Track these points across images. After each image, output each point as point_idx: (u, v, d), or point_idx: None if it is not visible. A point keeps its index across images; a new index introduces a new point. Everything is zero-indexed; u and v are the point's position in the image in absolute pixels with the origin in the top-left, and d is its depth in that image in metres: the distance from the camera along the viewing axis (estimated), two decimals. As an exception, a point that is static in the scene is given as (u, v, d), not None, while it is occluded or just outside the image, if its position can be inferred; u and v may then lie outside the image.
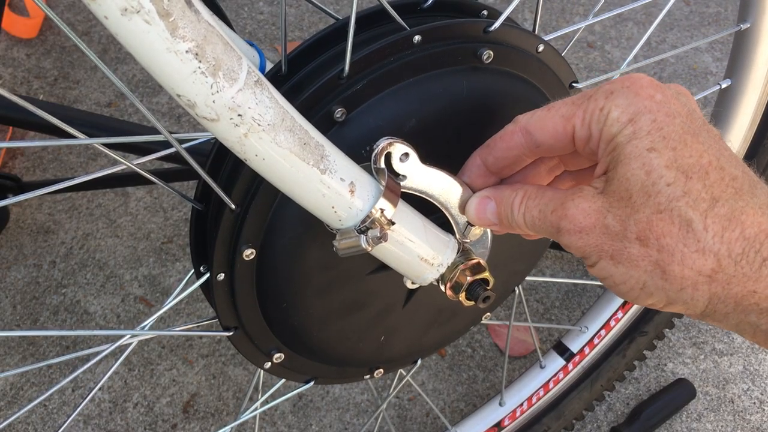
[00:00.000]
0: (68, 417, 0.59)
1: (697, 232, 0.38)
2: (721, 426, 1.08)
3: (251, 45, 0.71)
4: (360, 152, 0.45)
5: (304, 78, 0.47)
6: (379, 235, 0.43)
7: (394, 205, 0.43)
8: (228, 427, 0.68)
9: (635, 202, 0.39)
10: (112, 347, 0.52)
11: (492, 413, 0.95)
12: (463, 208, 0.48)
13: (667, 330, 1.00)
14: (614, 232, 0.40)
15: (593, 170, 0.44)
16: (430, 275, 0.49)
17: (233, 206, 0.46)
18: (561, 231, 0.42)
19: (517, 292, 0.79)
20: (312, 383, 0.64)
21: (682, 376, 1.12)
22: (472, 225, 0.49)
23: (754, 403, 1.11)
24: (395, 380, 0.82)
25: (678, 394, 1.09)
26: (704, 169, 0.38)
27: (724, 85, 0.75)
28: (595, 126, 0.41)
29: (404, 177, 0.45)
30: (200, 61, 0.34)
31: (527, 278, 0.71)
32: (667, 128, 0.39)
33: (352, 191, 0.42)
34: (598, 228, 0.40)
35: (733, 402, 1.11)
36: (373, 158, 0.44)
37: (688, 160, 0.38)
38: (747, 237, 0.38)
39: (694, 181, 0.38)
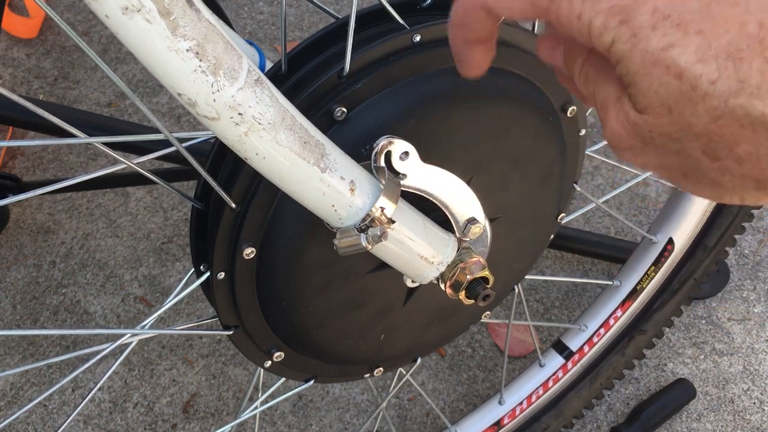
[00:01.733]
0: (68, 417, 0.60)
1: None
2: (721, 426, 1.08)
3: (251, 44, 0.71)
4: (360, 151, 0.45)
5: (304, 77, 0.47)
6: (379, 233, 0.43)
7: (394, 203, 0.44)
8: (228, 426, 0.68)
9: (681, 114, 0.29)
10: (112, 346, 0.52)
11: (491, 412, 0.95)
12: None
13: (667, 330, 1.00)
14: (674, 150, 0.31)
15: None
16: (430, 274, 0.49)
17: (233, 205, 0.47)
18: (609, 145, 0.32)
19: (516, 290, 0.79)
20: (312, 382, 0.64)
21: (682, 376, 1.12)
22: (472, 223, 0.49)
23: (754, 403, 1.11)
24: (395, 379, 0.82)
25: (678, 394, 1.09)
26: (755, 38, 0.28)
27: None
28: (579, 37, 0.31)
29: (404, 175, 0.45)
30: (201, 60, 0.34)
31: (527, 277, 0.71)
32: (677, 11, 0.29)
33: (352, 190, 0.42)
34: (651, 151, 0.32)
35: (733, 402, 1.11)
36: (373, 157, 0.45)
37: (726, 38, 0.28)
38: None
39: (747, 62, 0.28)
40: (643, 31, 0.29)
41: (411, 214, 0.47)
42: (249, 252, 0.49)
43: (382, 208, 0.43)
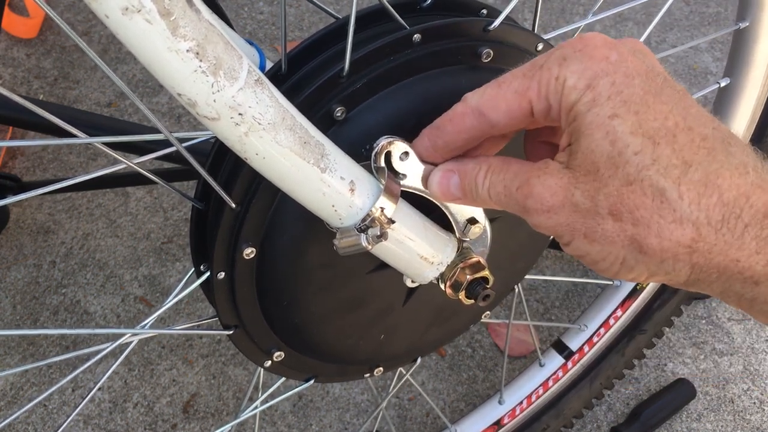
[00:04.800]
0: (68, 417, 0.60)
1: (672, 201, 0.35)
2: (721, 426, 1.09)
3: (251, 44, 0.71)
4: (360, 151, 0.45)
5: (304, 77, 0.47)
6: (379, 233, 0.43)
7: (394, 203, 0.44)
8: (228, 426, 0.68)
9: (603, 175, 0.36)
10: (113, 346, 0.52)
11: (491, 411, 0.95)
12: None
13: (667, 329, 1.00)
14: (584, 209, 0.37)
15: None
16: (429, 274, 0.49)
17: (233, 205, 0.47)
18: (528, 210, 0.39)
19: (516, 290, 0.79)
20: (312, 381, 0.64)
21: (682, 376, 1.12)
22: (472, 223, 0.49)
23: (754, 403, 1.11)
24: (395, 379, 0.82)
25: (678, 394, 1.09)
26: (671, 132, 0.36)
27: (723, 84, 0.76)
28: (553, 97, 0.38)
29: (404, 176, 0.45)
30: (201, 60, 0.34)
31: (527, 277, 0.71)
32: (627, 91, 0.36)
33: (352, 190, 0.42)
34: (566, 206, 0.38)
35: (733, 402, 1.11)
36: (373, 157, 0.45)
37: (652, 124, 0.36)
38: (726, 202, 0.35)
39: (662, 147, 0.35)
40: (600, 98, 0.36)
41: (411, 214, 0.47)
42: (249, 252, 0.49)
43: (382, 208, 0.43)
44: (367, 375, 0.67)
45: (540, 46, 0.53)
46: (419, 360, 0.71)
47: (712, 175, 0.35)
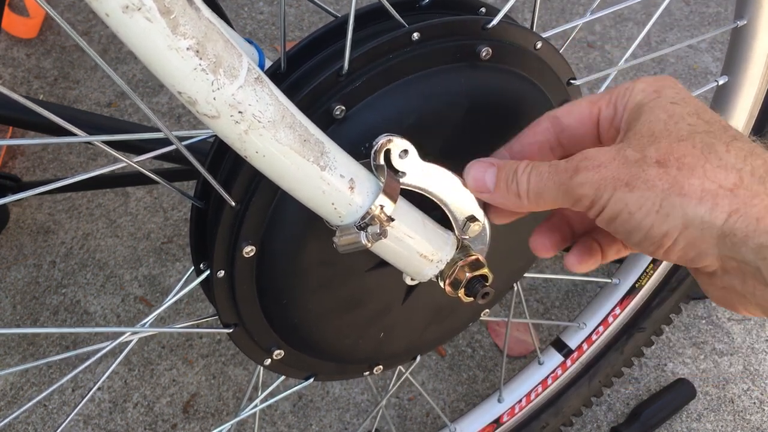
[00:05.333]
0: (68, 417, 0.60)
1: (720, 153, 0.38)
2: (721, 426, 1.09)
3: (251, 43, 0.71)
4: (359, 149, 0.45)
5: (303, 75, 0.47)
6: (378, 231, 0.44)
7: (394, 201, 0.44)
8: (228, 425, 0.68)
9: (657, 137, 0.39)
10: (113, 344, 0.52)
11: (491, 410, 0.95)
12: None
13: (667, 329, 1.00)
14: (633, 160, 0.39)
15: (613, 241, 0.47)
16: (429, 271, 0.49)
17: (233, 203, 0.47)
18: (578, 170, 0.40)
19: (516, 289, 0.79)
20: (312, 380, 0.64)
21: (682, 376, 1.12)
22: (472, 221, 0.49)
23: (754, 403, 1.11)
24: (394, 378, 0.82)
25: (678, 394, 1.09)
26: (723, 125, 0.40)
27: (721, 82, 0.76)
28: (620, 102, 0.43)
29: (403, 174, 0.45)
30: (201, 59, 0.34)
31: (527, 276, 0.71)
32: (688, 98, 0.41)
33: (351, 188, 0.42)
34: (617, 160, 0.39)
35: (733, 402, 1.11)
36: (372, 155, 0.45)
37: (707, 116, 0.40)
38: None
39: (715, 127, 0.39)
40: (664, 95, 0.42)
41: (410, 212, 0.47)
42: (249, 250, 0.49)
43: (382, 206, 0.43)
44: (367, 373, 0.67)
45: (539, 45, 0.54)
46: (419, 358, 0.71)
47: (757, 149, 0.38)
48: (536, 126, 0.46)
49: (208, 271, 0.51)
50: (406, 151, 0.45)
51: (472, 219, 0.49)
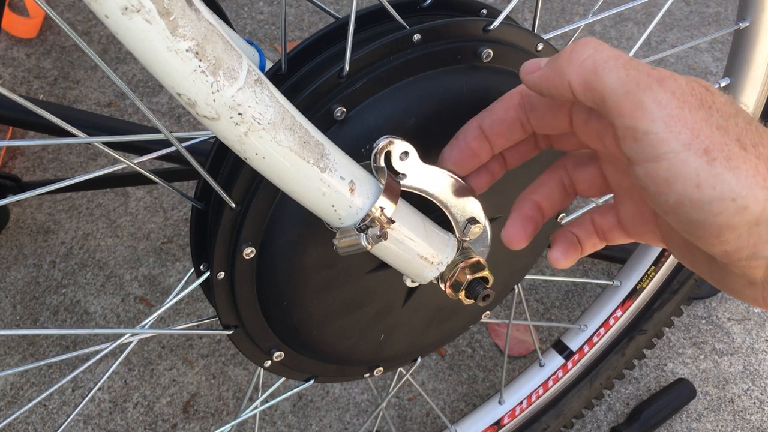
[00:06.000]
0: (68, 417, 0.60)
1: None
2: (721, 426, 1.08)
3: (251, 44, 0.71)
4: (360, 151, 0.45)
5: (303, 77, 0.47)
6: (378, 233, 0.43)
7: (394, 203, 0.44)
8: (228, 426, 0.68)
9: (731, 113, 0.35)
10: (113, 346, 0.52)
11: (491, 411, 0.95)
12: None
13: (667, 329, 1.00)
14: (717, 123, 0.34)
15: (609, 211, 0.44)
16: (429, 274, 0.49)
17: (233, 205, 0.47)
18: (663, 84, 0.34)
19: (516, 290, 0.79)
20: (312, 382, 0.64)
21: (682, 376, 1.12)
22: (472, 223, 0.49)
23: (754, 403, 1.11)
24: (395, 379, 0.82)
25: (678, 394, 1.09)
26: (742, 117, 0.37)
27: (723, 84, 0.76)
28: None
29: (404, 175, 0.45)
30: (200, 60, 0.34)
31: (527, 277, 0.71)
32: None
33: (352, 190, 0.42)
34: (703, 110, 0.34)
35: (733, 402, 1.11)
36: (372, 157, 0.44)
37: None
38: None
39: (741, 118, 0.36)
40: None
41: (411, 214, 0.47)
42: (249, 252, 0.49)
43: (382, 208, 0.43)
44: (367, 375, 0.67)
45: (540, 46, 0.53)
46: (419, 360, 0.71)
47: None
48: (507, 101, 0.43)
49: (208, 273, 0.51)
50: (406, 153, 0.45)
51: (472, 221, 0.49)
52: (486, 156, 0.46)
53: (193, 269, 0.53)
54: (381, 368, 0.66)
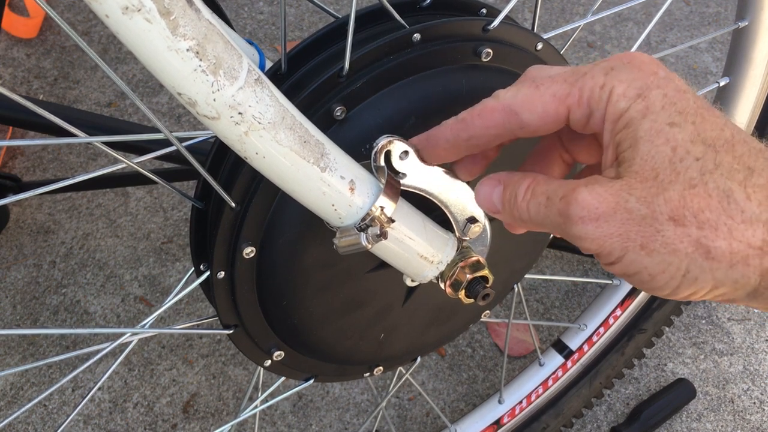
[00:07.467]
0: (68, 417, 0.60)
1: (740, 202, 0.34)
2: (721, 426, 1.09)
3: (251, 44, 0.71)
4: (360, 150, 0.45)
5: (303, 76, 0.47)
6: (378, 232, 0.43)
7: (394, 202, 0.44)
8: (228, 425, 0.68)
9: (662, 181, 0.34)
10: (113, 345, 0.52)
11: (491, 411, 0.95)
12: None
13: (667, 329, 1.00)
14: (640, 215, 0.34)
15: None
16: (429, 273, 0.49)
17: (233, 204, 0.47)
18: (572, 219, 0.36)
19: (516, 290, 0.79)
20: (312, 381, 0.64)
21: (682, 376, 1.12)
22: (472, 223, 0.49)
23: (754, 403, 1.11)
24: (395, 379, 0.82)
25: (678, 394, 1.09)
26: (729, 141, 0.35)
27: (722, 83, 0.76)
28: (596, 104, 0.37)
29: (404, 175, 0.45)
30: (201, 60, 0.34)
31: (527, 277, 0.71)
32: (680, 103, 0.36)
33: (352, 189, 0.42)
34: (619, 213, 0.35)
35: (733, 402, 1.11)
36: (372, 156, 0.45)
37: (710, 134, 0.35)
38: None
39: (722, 154, 0.34)
40: (654, 107, 0.35)
41: (411, 214, 0.47)
42: (249, 251, 0.49)
43: (382, 207, 0.43)
44: (367, 374, 0.67)
45: (539, 46, 0.54)
46: (419, 359, 0.71)
47: None
48: (488, 116, 0.40)
49: (208, 272, 0.51)
50: (406, 152, 0.45)
51: (472, 220, 0.49)
52: (456, 158, 0.44)
53: (193, 269, 0.53)
54: (381, 368, 0.66)
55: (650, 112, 0.35)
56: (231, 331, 0.55)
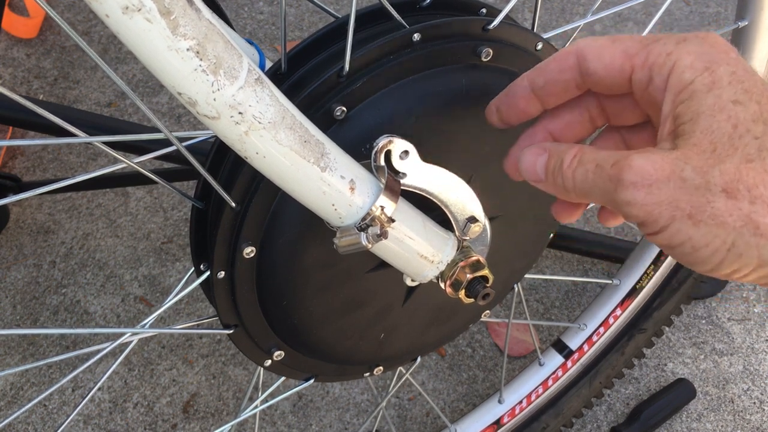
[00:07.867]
0: (68, 417, 0.60)
1: None
2: (721, 426, 1.09)
3: (251, 44, 0.71)
4: (360, 150, 0.45)
5: (304, 76, 0.47)
6: (379, 232, 0.43)
7: (394, 202, 0.44)
8: (228, 425, 0.68)
9: (720, 154, 0.34)
10: (113, 345, 0.52)
11: (491, 411, 0.95)
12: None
13: (667, 329, 1.00)
14: (693, 185, 0.34)
15: (642, 130, 0.41)
16: (429, 273, 0.49)
17: (233, 204, 0.47)
18: (623, 184, 0.35)
19: (516, 289, 0.79)
20: (312, 381, 0.64)
21: (682, 376, 1.12)
22: (472, 222, 0.49)
23: (754, 403, 1.11)
24: (395, 379, 0.82)
25: (678, 394, 1.09)
26: None
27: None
28: (657, 70, 0.37)
29: (404, 174, 0.45)
30: (201, 59, 0.34)
31: (527, 277, 0.71)
32: (747, 82, 0.36)
33: (352, 189, 0.42)
34: (673, 181, 0.34)
35: (733, 402, 1.11)
36: (372, 156, 0.45)
37: None
38: None
39: None
40: (721, 82, 0.35)
41: (411, 213, 0.47)
42: (249, 251, 0.49)
43: (382, 207, 0.43)
44: (367, 374, 0.67)
45: (540, 46, 0.54)
46: (419, 359, 0.71)
47: None
48: (562, 59, 0.41)
49: (208, 272, 0.51)
50: (406, 152, 0.45)
51: (472, 220, 0.49)
52: (535, 112, 0.44)
53: (193, 269, 0.53)
54: (381, 367, 0.66)
55: (716, 87, 0.35)
56: (231, 331, 0.55)
